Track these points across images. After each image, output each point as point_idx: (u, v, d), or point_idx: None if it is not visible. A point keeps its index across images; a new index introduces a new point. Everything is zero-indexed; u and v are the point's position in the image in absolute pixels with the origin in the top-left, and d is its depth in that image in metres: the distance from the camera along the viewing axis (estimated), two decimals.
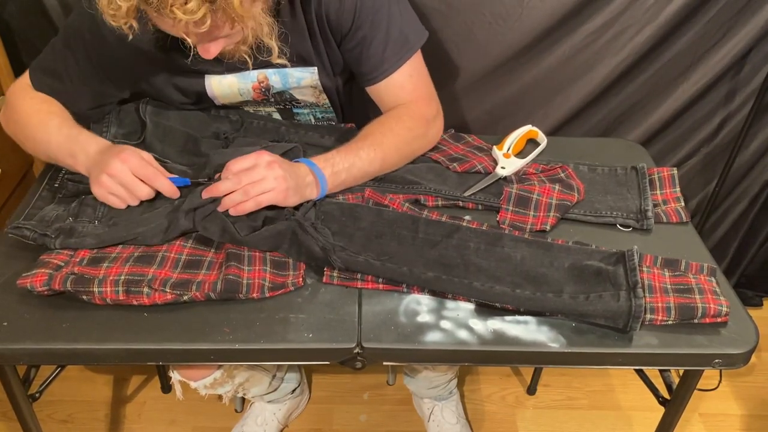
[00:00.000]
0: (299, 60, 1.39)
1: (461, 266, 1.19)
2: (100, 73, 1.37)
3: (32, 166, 1.98)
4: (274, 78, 1.41)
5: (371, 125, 1.39)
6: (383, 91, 1.42)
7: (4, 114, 1.42)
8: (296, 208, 1.25)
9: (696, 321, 1.12)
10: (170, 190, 1.26)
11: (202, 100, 1.47)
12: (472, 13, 1.75)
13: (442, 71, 1.86)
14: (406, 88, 1.42)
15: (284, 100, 1.48)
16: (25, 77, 1.40)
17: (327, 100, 1.50)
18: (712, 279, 1.19)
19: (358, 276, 1.20)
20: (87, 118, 1.42)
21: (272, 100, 1.47)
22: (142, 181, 1.24)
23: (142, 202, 1.27)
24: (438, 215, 1.33)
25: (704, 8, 1.74)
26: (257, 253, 1.21)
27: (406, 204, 1.34)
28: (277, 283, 1.18)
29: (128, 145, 1.27)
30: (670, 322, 1.12)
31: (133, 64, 1.36)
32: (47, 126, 1.33)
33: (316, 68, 1.40)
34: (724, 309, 1.12)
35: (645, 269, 1.21)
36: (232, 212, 1.20)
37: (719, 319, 1.12)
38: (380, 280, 1.19)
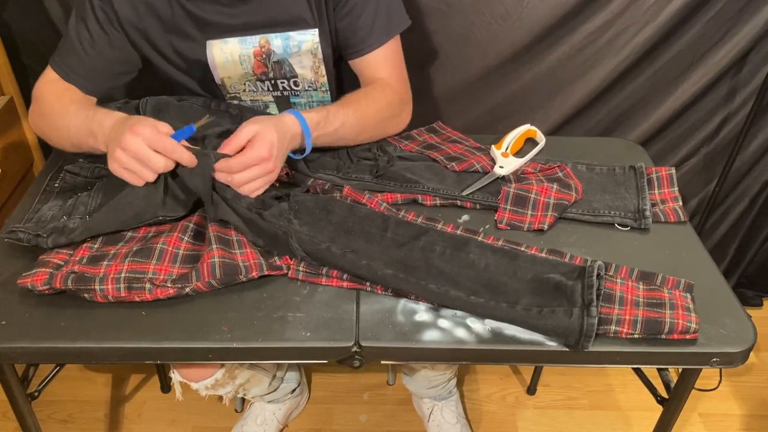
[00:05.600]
0: (300, 22, 1.42)
1: (423, 268, 1.18)
2: (111, 39, 1.40)
3: (32, 166, 1.99)
4: (276, 42, 1.43)
5: (357, 94, 1.44)
6: (367, 64, 1.48)
7: (31, 111, 1.43)
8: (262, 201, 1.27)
9: (663, 336, 1.10)
10: (190, 160, 1.19)
11: (203, 73, 1.48)
12: (472, 13, 1.76)
13: (443, 71, 1.87)
14: (388, 65, 1.49)
15: (283, 76, 1.49)
16: (45, 74, 1.42)
17: (325, 78, 1.51)
18: (687, 295, 1.17)
19: (324, 272, 1.20)
20: (107, 100, 1.45)
21: (271, 75, 1.48)
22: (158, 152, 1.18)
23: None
24: (414, 216, 1.33)
25: (704, 8, 1.75)
26: (245, 239, 1.22)
27: (384, 204, 1.34)
28: (273, 264, 1.19)
29: (144, 117, 1.22)
30: (635, 336, 1.10)
31: (137, 24, 1.39)
32: (67, 112, 1.33)
33: (317, 30, 1.43)
34: (693, 326, 1.09)
35: (619, 281, 1.19)
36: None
37: (687, 336, 1.10)
38: (345, 277, 1.19)
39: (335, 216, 1.27)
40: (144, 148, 1.14)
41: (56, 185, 1.38)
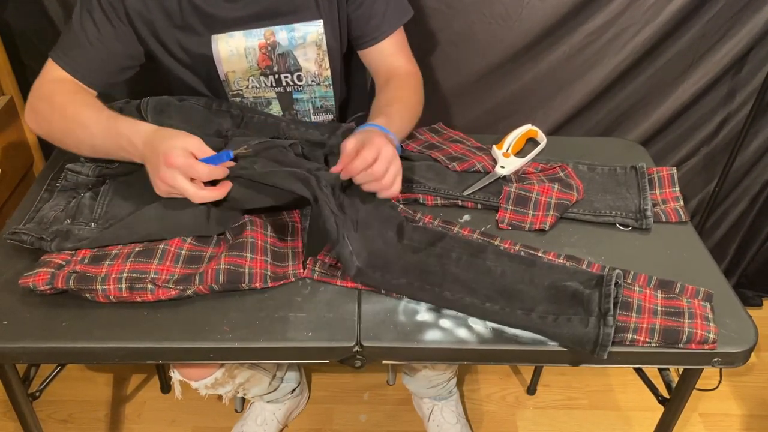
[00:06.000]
0: (305, 11, 1.42)
1: (439, 274, 1.18)
2: (118, 32, 1.39)
3: (32, 166, 1.99)
4: (281, 34, 1.43)
5: (388, 93, 1.46)
6: (381, 53, 1.51)
7: (33, 111, 1.38)
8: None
9: (681, 346, 1.09)
10: (224, 185, 1.21)
11: (207, 69, 1.48)
12: (472, 13, 1.76)
13: (443, 71, 1.87)
14: (403, 51, 1.53)
15: (287, 70, 1.49)
16: (47, 70, 1.39)
17: (329, 72, 1.51)
18: (707, 304, 1.16)
19: (338, 273, 1.20)
20: (109, 100, 1.43)
21: (276, 68, 1.48)
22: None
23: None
24: (431, 219, 1.33)
25: (704, 8, 1.75)
26: (259, 242, 1.21)
27: (400, 205, 1.35)
28: (279, 273, 1.19)
29: (174, 134, 1.20)
30: (653, 344, 1.10)
31: (145, 18, 1.39)
32: (84, 118, 1.30)
33: (321, 21, 1.43)
34: (712, 336, 1.09)
35: (637, 289, 1.18)
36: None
37: (706, 347, 1.09)
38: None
39: (361, 212, 1.25)
40: (181, 180, 1.15)
41: (58, 184, 1.37)
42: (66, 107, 1.33)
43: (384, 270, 1.17)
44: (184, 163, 1.14)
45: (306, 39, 1.43)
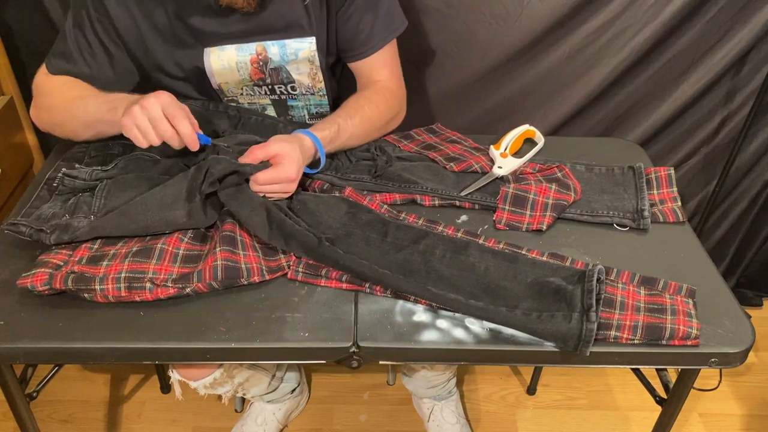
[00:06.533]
0: (297, 28, 1.42)
1: (423, 272, 1.18)
2: (109, 49, 1.40)
3: (32, 167, 1.99)
4: (273, 50, 1.43)
5: (359, 100, 1.47)
6: (366, 66, 1.51)
7: (34, 106, 1.44)
8: None
9: (664, 342, 1.09)
10: (191, 136, 1.23)
11: (200, 80, 1.48)
12: (472, 13, 1.75)
13: (443, 71, 1.87)
14: (387, 66, 1.52)
15: (280, 82, 1.49)
16: (45, 69, 1.43)
17: (323, 84, 1.51)
18: (689, 301, 1.16)
19: (323, 273, 1.20)
20: None
21: (269, 81, 1.48)
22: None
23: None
24: (415, 218, 1.33)
25: (704, 8, 1.74)
26: (247, 240, 1.22)
27: (385, 206, 1.35)
28: (272, 267, 1.19)
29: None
30: (636, 341, 1.10)
31: (136, 36, 1.39)
32: (84, 98, 1.35)
33: (314, 38, 1.43)
34: (694, 332, 1.09)
35: (620, 286, 1.18)
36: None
37: (688, 342, 1.09)
38: (344, 278, 1.19)
39: (335, 222, 1.27)
40: (159, 111, 1.19)
41: (55, 184, 1.37)
42: (67, 91, 1.38)
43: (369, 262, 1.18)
44: (170, 99, 1.21)
45: (298, 55, 1.43)
